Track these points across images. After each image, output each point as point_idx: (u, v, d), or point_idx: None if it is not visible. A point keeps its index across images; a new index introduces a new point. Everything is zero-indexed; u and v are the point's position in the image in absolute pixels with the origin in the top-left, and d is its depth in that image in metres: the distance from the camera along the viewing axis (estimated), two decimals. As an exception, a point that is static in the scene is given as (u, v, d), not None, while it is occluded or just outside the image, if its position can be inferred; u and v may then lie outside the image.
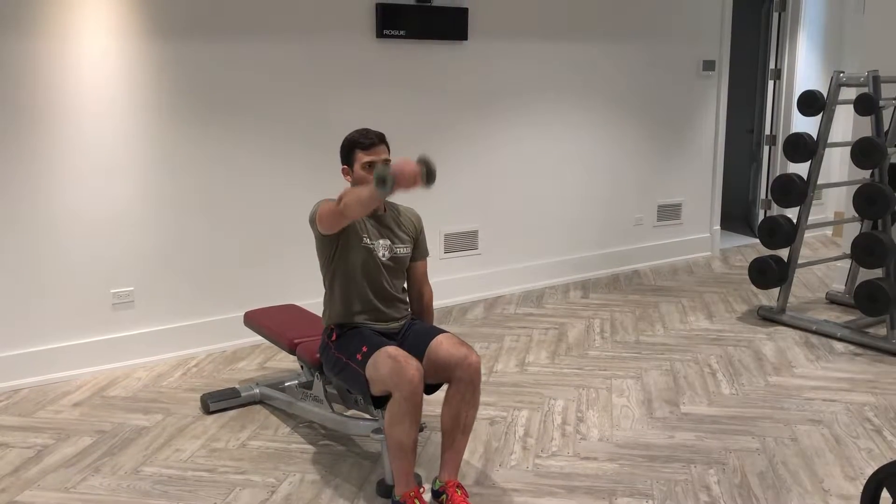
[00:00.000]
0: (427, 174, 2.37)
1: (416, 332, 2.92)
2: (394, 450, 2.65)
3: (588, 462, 3.13)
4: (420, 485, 2.83)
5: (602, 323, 4.90)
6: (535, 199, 5.61)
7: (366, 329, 2.87)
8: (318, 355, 3.07)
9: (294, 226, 4.52)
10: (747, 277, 5.92)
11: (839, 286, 5.43)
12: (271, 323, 3.60)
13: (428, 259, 3.14)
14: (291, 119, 4.51)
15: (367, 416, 3.06)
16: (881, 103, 4.31)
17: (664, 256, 6.44)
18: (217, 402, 3.61)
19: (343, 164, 2.90)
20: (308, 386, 3.38)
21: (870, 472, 3.01)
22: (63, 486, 2.95)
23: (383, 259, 2.89)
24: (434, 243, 4.46)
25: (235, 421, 3.53)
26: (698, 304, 5.29)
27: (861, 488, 2.88)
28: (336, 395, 3.26)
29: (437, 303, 5.25)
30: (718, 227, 6.79)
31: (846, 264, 5.26)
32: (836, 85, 4.47)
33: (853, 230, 5.16)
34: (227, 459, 3.17)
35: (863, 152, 4.19)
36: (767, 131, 7.22)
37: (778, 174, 7.15)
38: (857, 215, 5.03)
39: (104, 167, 4.00)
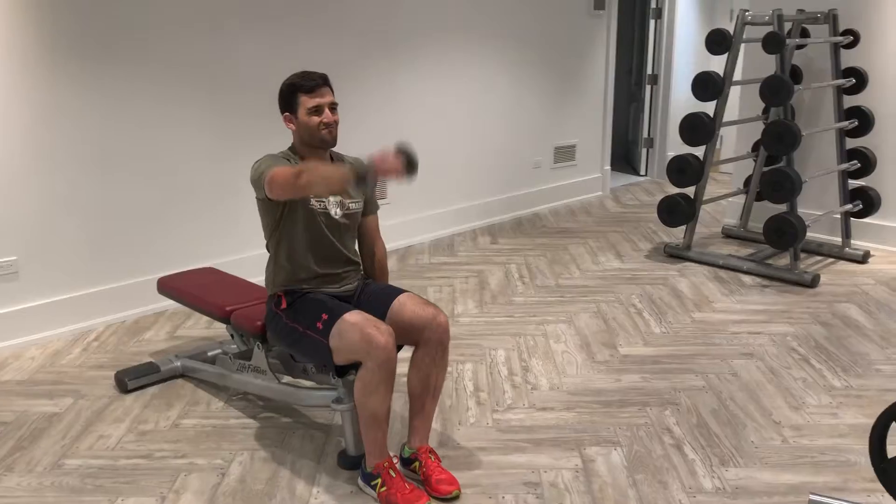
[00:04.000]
0: (408, 166, 2.23)
1: (374, 293, 2.71)
2: (367, 420, 2.46)
3: (546, 413, 3.07)
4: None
5: (518, 268, 4.85)
6: (439, 144, 5.43)
7: (320, 294, 2.64)
8: (259, 324, 2.81)
9: (200, 178, 4.14)
10: (643, 216, 6.10)
11: (731, 220, 5.66)
12: (194, 290, 3.27)
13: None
14: (191, 61, 4.05)
15: (318, 386, 2.85)
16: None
17: (561, 198, 6.48)
18: (135, 378, 3.27)
19: (284, 112, 2.61)
20: (245, 356, 3.10)
21: (810, 401, 3.14)
22: (-26, 491, 2.57)
23: (336, 217, 2.66)
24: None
25: (159, 399, 3.21)
26: (604, 244, 5.35)
27: (806, 417, 3.01)
28: (278, 365, 3.02)
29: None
30: (609, 167, 6.90)
31: (740, 200, 5.48)
32: (742, 24, 4.55)
33: (744, 167, 5.39)
34: (161, 442, 2.87)
35: (770, 90, 4.29)
36: (649, 71, 7.35)
37: (660, 113, 7.35)
38: (750, 152, 5.24)
39: (-28, 120, 3.46)
